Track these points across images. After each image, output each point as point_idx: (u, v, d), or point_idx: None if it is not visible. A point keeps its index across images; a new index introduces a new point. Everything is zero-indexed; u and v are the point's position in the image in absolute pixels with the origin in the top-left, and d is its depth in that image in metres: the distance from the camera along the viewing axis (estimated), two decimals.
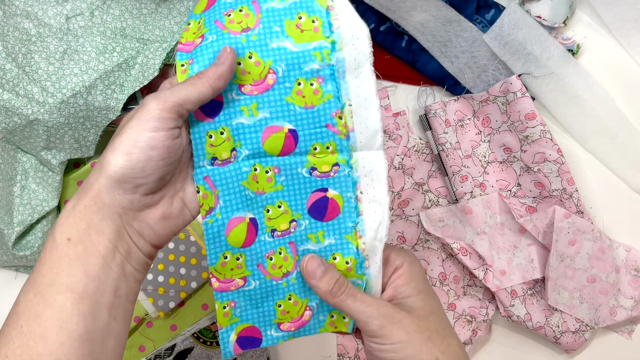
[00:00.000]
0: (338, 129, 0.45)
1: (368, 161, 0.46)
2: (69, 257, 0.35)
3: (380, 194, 0.46)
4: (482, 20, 0.64)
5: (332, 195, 0.47)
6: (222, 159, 0.45)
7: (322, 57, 0.44)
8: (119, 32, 0.61)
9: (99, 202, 0.36)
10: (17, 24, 0.58)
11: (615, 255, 0.66)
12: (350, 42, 0.44)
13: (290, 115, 0.44)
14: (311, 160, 0.45)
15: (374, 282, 0.46)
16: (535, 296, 0.66)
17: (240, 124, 0.44)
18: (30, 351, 0.33)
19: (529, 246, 0.66)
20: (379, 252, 0.46)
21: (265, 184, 0.45)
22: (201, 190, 0.44)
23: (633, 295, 0.65)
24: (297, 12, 0.43)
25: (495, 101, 0.65)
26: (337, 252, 0.47)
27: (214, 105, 0.43)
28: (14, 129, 0.59)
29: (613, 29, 0.68)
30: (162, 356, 0.65)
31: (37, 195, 0.62)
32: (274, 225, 0.46)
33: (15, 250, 0.61)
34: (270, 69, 0.44)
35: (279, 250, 0.46)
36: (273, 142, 0.45)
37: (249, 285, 0.46)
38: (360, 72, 0.45)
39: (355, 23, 0.44)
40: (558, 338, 0.65)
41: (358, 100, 0.45)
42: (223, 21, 0.43)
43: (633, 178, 0.68)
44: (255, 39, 0.43)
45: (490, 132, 0.67)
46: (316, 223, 0.47)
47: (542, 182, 0.65)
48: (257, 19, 0.43)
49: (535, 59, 0.64)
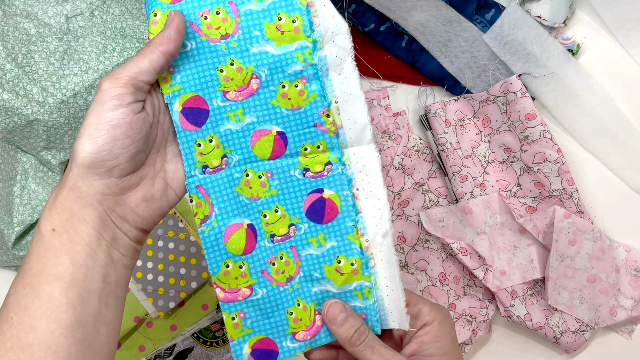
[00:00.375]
0: (327, 127, 0.44)
1: (360, 156, 0.45)
2: (54, 247, 0.35)
3: (376, 188, 0.45)
4: (482, 20, 0.64)
5: (328, 195, 0.46)
6: (213, 167, 0.44)
7: (304, 57, 0.43)
8: (119, 32, 0.61)
9: (77, 191, 0.36)
10: (17, 24, 0.58)
11: (616, 255, 0.66)
12: (331, 38, 0.44)
13: (277, 118, 0.44)
14: (303, 161, 0.45)
15: (381, 282, 0.45)
16: (536, 296, 0.66)
17: (228, 130, 0.44)
18: (21, 342, 0.33)
19: (529, 246, 0.66)
20: (383, 248, 0.45)
21: (259, 189, 0.45)
22: (194, 199, 0.44)
23: (633, 295, 0.65)
24: (276, 13, 0.42)
25: (495, 101, 0.65)
26: (340, 254, 0.46)
27: (200, 113, 0.43)
28: (14, 129, 0.59)
29: (613, 29, 0.68)
30: (162, 356, 0.65)
31: (37, 195, 0.62)
32: (272, 230, 0.46)
33: (15, 250, 0.61)
34: (253, 74, 0.43)
35: (279, 255, 0.46)
36: (262, 145, 0.45)
37: (256, 294, 0.46)
38: (342, 68, 0.44)
39: (334, 19, 0.43)
40: (558, 338, 0.65)
41: (343, 96, 0.44)
42: (200, 25, 0.42)
43: (633, 178, 0.68)
44: (235, 45, 0.42)
45: (490, 132, 0.67)
46: (315, 226, 0.46)
47: (542, 182, 0.65)
48: (235, 24, 0.42)
49: (536, 59, 0.64)
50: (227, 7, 0.42)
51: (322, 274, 0.46)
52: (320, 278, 0.46)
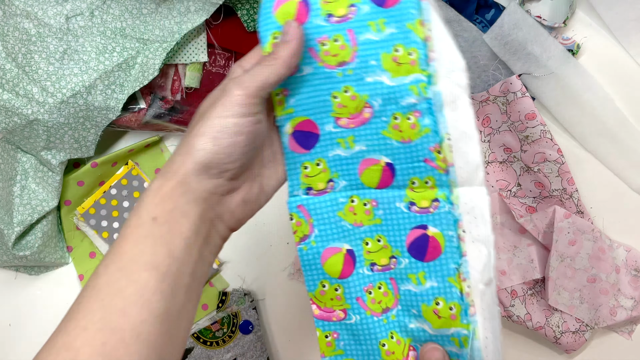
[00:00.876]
0: (437, 164, 0.43)
1: (470, 198, 0.43)
2: (154, 236, 0.35)
3: (484, 233, 0.43)
4: (482, 20, 0.64)
5: (432, 233, 0.44)
6: (318, 189, 0.45)
7: (418, 90, 0.42)
8: (119, 32, 0.61)
9: (186, 186, 0.36)
10: (17, 24, 0.58)
11: (615, 255, 0.66)
12: (447, 74, 0.43)
13: (387, 149, 0.44)
14: (409, 195, 0.44)
15: (480, 332, 0.43)
16: (536, 296, 0.66)
17: (337, 155, 0.45)
18: (112, 325, 0.33)
19: (529, 246, 0.66)
20: (485, 296, 0.43)
21: (363, 217, 0.45)
22: (294, 217, 0.45)
23: (633, 295, 0.65)
24: (393, 44, 0.42)
25: (495, 101, 0.65)
26: (439, 296, 0.44)
27: (310, 137, 0.44)
28: (14, 129, 0.59)
29: (613, 29, 0.68)
30: None
31: (37, 195, 0.62)
32: (373, 258, 0.46)
33: (15, 250, 0.61)
34: (366, 102, 0.43)
35: (378, 285, 0.46)
36: (370, 174, 0.45)
37: (350, 319, 0.46)
38: (457, 105, 0.43)
39: (452, 55, 0.43)
40: (558, 338, 0.65)
41: (457, 133, 0.43)
42: (318, 50, 0.42)
43: (633, 178, 0.68)
44: (351, 73, 0.43)
45: (490, 132, 0.67)
46: (416, 263, 0.45)
47: (542, 182, 0.65)
48: (353, 52, 0.42)
49: (536, 59, 0.64)
50: (346, 35, 0.42)
51: (419, 312, 0.45)
52: (418, 315, 0.45)
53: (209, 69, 0.66)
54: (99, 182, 0.67)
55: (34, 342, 0.66)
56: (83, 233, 0.67)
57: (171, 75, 0.64)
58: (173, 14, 0.63)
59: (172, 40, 0.62)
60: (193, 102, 0.65)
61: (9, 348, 0.67)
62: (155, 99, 0.64)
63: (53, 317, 0.67)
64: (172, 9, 0.62)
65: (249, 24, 0.65)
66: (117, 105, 0.60)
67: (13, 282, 0.68)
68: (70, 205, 0.66)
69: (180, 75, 0.64)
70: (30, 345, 0.66)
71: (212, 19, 0.65)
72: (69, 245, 0.67)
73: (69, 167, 0.67)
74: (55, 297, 0.68)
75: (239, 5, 0.64)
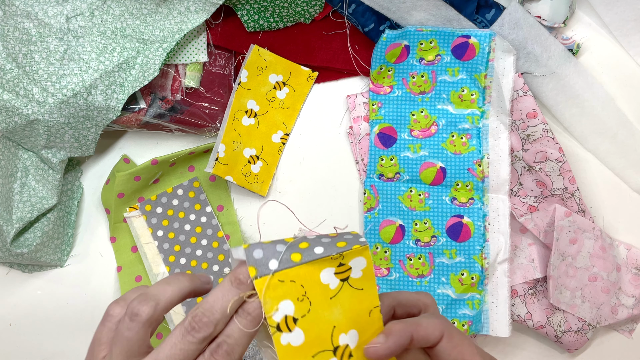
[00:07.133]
0: (477, 174, 0.62)
1: (496, 201, 0.62)
2: None
3: (504, 228, 0.62)
4: (482, 20, 0.64)
5: (466, 222, 0.62)
6: (387, 177, 0.63)
7: (472, 120, 0.62)
8: (119, 32, 0.61)
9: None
10: (17, 24, 0.58)
11: (616, 254, 0.66)
12: (496, 114, 0.62)
13: (443, 157, 0.62)
14: (453, 192, 0.62)
15: (489, 299, 0.61)
16: (536, 295, 0.66)
17: (406, 156, 0.63)
18: None
19: (530, 246, 0.66)
20: (497, 272, 0.61)
21: (417, 204, 0.62)
22: (367, 193, 0.63)
23: (634, 294, 0.65)
24: (461, 86, 0.62)
25: None
26: (465, 269, 0.61)
27: (390, 139, 0.63)
28: (15, 128, 0.58)
29: (613, 29, 0.68)
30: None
31: (37, 192, 0.62)
32: (419, 236, 0.62)
33: (13, 247, 0.61)
34: (434, 122, 0.63)
35: (418, 256, 0.62)
36: (427, 174, 0.62)
37: (391, 275, 0.62)
38: (499, 137, 0.62)
39: (503, 102, 0.61)
40: (560, 337, 0.65)
41: (494, 155, 0.62)
42: (408, 81, 0.63)
43: (633, 178, 0.68)
44: (428, 100, 0.63)
45: None
46: (451, 242, 0.61)
47: (543, 181, 0.65)
48: (432, 86, 0.63)
49: (536, 59, 0.64)
50: (430, 73, 0.63)
51: (447, 280, 0.61)
52: (445, 282, 0.61)
53: (209, 69, 0.66)
54: (153, 180, 0.67)
55: (34, 342, 0.66)
56: (128, 226, 0.67)
57: (171, 75, 0.64)
58: (173, 14, 0.63)
59: (172, 40, 0.62)
60: (193, 102, 0.65)
61: (9, 348, 0.67)
62: (155, 98, 0.64)
63: (53, 317, 0.67)
64: (172, 9, 0.62)
65: (249, 24, 0.65)
66: (118, 105, 0.60)
67: (4, 277, 0.67)
68: (123, 198, 0.65)
69: (180, 75, 0.64)
70: (30, 345, 0.66)
71: (212, 19, 0.65)
72: (113, 236, 0.67)
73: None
74: (56, 297, 0.68)
75: (239, 6, 0.64)
